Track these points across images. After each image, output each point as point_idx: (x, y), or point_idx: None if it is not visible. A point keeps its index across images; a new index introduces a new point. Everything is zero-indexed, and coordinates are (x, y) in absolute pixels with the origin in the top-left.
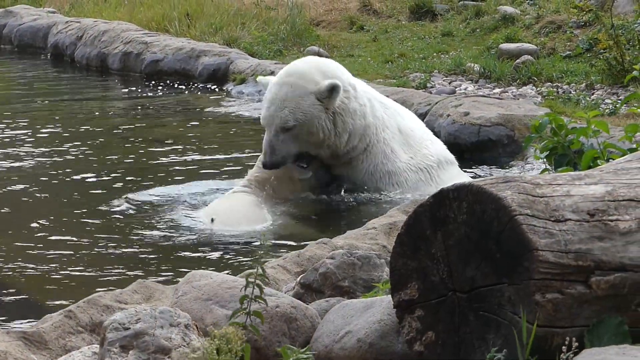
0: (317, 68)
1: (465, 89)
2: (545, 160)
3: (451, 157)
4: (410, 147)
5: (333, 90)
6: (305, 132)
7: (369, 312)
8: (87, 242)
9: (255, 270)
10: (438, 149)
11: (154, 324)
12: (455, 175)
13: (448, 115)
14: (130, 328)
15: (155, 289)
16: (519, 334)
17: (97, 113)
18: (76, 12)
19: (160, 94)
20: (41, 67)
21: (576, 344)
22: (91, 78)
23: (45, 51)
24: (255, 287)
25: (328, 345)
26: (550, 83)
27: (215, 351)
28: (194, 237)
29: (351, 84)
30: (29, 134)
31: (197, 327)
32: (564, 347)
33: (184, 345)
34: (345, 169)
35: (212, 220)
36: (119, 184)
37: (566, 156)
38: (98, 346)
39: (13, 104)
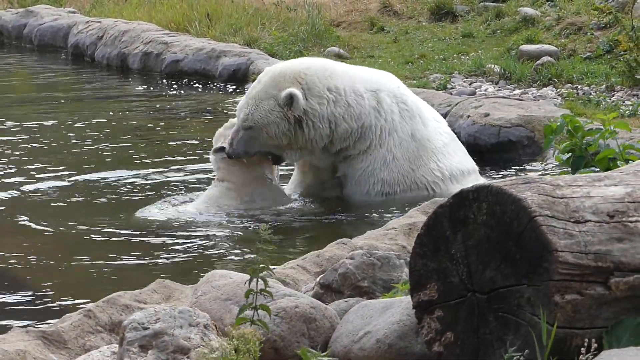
0: (293, 71)
1: (485, 90)
2: (565, 161)
3: (470, 166)
4: (419, 159)
5: (292, 99)
6: (264, 135)
7: (388, 313)
8: (107, 241)
9: (257, 263)
10: (453, 162)
11: (173, 323)
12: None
13: (468, 117)
14: (149, 328)
15: (174, 288)
16: (538, 335)
17: (116, 113)
18: (97, 12)
19: (180, 94)
20: (61, 67)
21: (595, 345)
22: (111, 78)
23: (65, 51)
24: (259, 280)
25: (347, 345)
26: (570, 84)
27: (233, 351)
28: (214, 236)
29: (335, 88)
30: (49, 133)
31: (216, 327)
32: (583, 348)
33: (203, 345)
34: (345, 167)
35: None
36: (138, 184)
37: (583, 158)
38: (117, 346)
39: (33, 103)
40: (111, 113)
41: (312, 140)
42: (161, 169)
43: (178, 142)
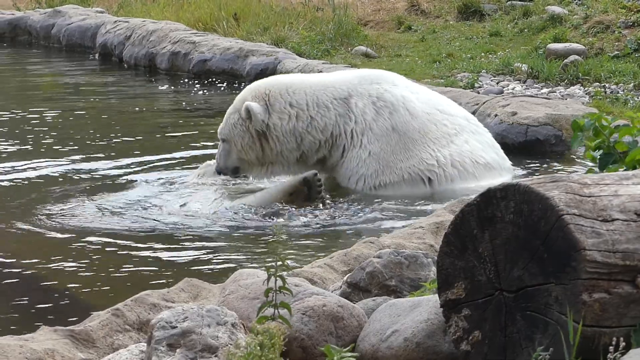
0: (261, 87)
1: (513, 89)
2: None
3: (488, 158)
4: (406, 150)
5: (249, 112)
6: (234, 148)
7: (415, 312)
8: (135, 240)
9: (274, 261)
10: (459, 150)
11: (201, 322)
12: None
13: (496, 115)
14: (177, 327)
15: (202, 287)
16: (566, 334)
17: (144, 112)
18: (124, 12)
19: (208, 93)
20: (89, 67)
21: (623, 343)
22: (139, 77)
23: (93, 51)
24: (277, 278)
25: (375, 344)
26: (598, 83)
27: (258, 347)
28: (241, 235)
29: (296, 103)
30: (77, 132)
31: (244, 326)
32: (611, 347)
33: (231, 344)
34: (332, 174)
35: None
36: (166, 183)
37: (611, 155)
38: (145, 344)
39: (61, 102)
40: (138, 112)
41: (281, 154)
42: (190, 167)
43: (205, 142)
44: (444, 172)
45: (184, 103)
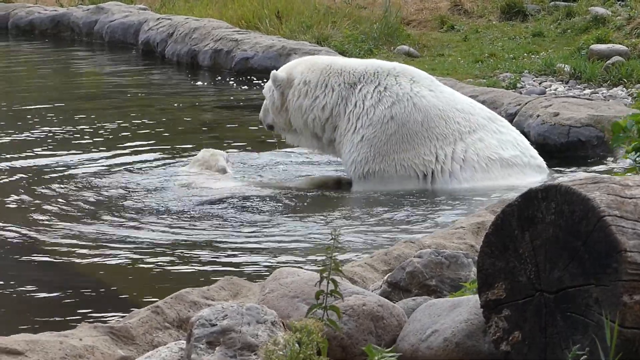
0: (299, 61)
1: (555, 90)
2: (635, 160)
3: (507, 156)
4: (404, 142)
5: (272, 80)
6: (268, 108)
7: (455, 312)
8: (175, 237)
9: (328, 264)
10: (466, 148)
11: (240, 320)
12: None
13: (538, 116)
14: (217, 324)
15: (242, 285)
16: (605, 336)
17: (186, 109)
18: (167, 9)
19: (250, 91)
20: (132, 63)
21: None
22: (181, 75)
23: (136, 47)
24: (330, 281)
25: (414, 344)
26: None
27: (296, 344)
28: (281, 233)
29: (308, 82)
30: (120, 128)
31: (283, 325)
32: None
33: (270, 343)
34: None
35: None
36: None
37: None
38: (185, 342)
39: (104, 99)
40: (180, 109)
41: (298, 127)
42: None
43: (246, 139)
44: (442, 167)
45: (226, 100)
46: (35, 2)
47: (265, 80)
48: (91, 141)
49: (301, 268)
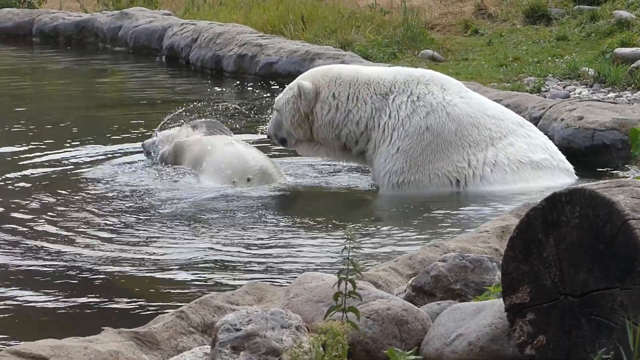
0: (318, 72)
1: (579, 94)
2: None
3: (536, 158)
4: (439, 151)
5: (299, 90)
6: (285, 123)
7: (480, 316)
8: (200, 243)
9: (346, 266)
10: (491, 152)
11: (265, 325)
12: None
13: (562, 120)
14: (241, 329)
15: (266, 290)
16: (631, 339)
17: (210, 114)
18: (191, 15)
19: (274, 96)
20: (156, 69)
21: None
22: (206, 80)
23: (160, 53)
24: (348, 282)
25: (439, 348)
26: None
27: (321, 347)
28: (305, 238)
29: (338, 95)
30: (143, 133)
31: (308, 329)
32: None
33: (295, 347)
34: (370, 167)
35: (248, 179)
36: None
37: None
38: (209, 347)
39: (128, 104)
40: (204, 114)
41: (325, 140)
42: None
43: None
44: (474, 172)
45: (249, 105)
46: (59, 8)
47: (286, 84)
48: (114, 147)
49: (326, 272)
